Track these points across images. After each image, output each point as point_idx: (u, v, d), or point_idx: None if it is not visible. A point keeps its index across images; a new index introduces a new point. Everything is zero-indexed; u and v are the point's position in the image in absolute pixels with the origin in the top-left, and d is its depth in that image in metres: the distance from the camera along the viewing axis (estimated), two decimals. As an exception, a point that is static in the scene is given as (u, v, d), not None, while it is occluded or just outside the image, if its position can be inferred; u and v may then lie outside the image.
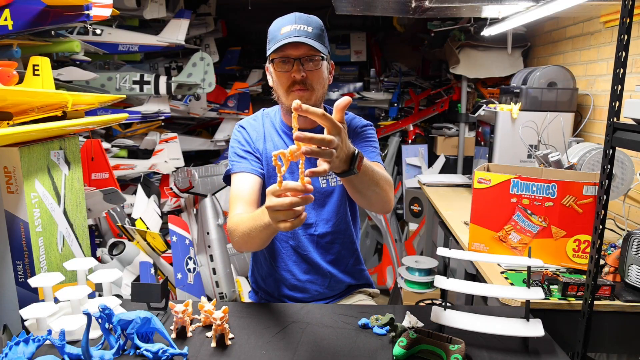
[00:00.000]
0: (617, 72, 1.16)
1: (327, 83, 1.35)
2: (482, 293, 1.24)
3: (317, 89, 1.29)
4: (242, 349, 1.10)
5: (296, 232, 1.43)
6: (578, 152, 1.93)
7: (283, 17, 1.29)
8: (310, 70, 1.27)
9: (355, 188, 1.14)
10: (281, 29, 1.26)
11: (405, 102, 4.36)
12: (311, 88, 1.28)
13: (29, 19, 1.96)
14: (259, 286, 1.57)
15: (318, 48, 1.24)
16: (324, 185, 1.43)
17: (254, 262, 1.58)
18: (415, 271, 3.02)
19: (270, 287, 1.51)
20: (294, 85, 1.28)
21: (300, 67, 1.26)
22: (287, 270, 1.46)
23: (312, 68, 1.27)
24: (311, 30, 1.25)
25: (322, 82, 1.31)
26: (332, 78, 1.38)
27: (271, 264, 1.48)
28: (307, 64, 1.26)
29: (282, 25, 1.27)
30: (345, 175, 1.03)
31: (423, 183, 3.07)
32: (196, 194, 3.32)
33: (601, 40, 2.44)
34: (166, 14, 3.28)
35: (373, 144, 1.44)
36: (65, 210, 1.68)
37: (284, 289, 1.48)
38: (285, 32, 1.25)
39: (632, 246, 1.40)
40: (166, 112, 3.28)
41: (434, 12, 2.42)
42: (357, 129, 1.44)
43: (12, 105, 1.49)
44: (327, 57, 1.31)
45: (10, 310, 1.50)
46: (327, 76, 1.34)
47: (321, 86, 1.31)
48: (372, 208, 1.28)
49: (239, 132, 1.44)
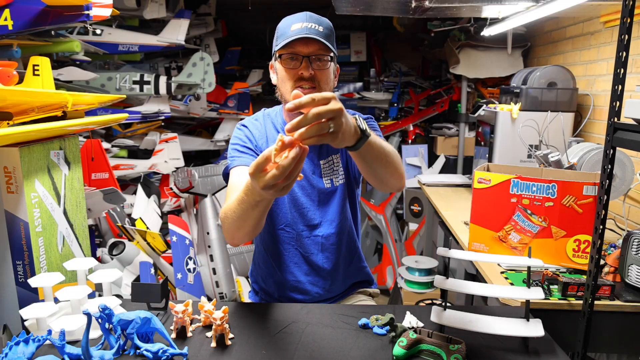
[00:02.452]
0: (617, 72, 1.16)
1: (333, 85, 1.34)
2: (482, 293, 1.24)
3: (324, 88, 1.28)
4: (242, 349, 1.09)
5: (300, 234, 1.43)
6: (578, 152, 1.93)
7: (294, 15, 1.29)
8: (318, 69, 1.26)
9: (368, 163, 1.09)
10: (291, 25, 1.26)
11: (405, 102, 4.36)
12: (318, 86, 1.27)
13: (29, 19, 1.96)
14: (260, 287, 1.57)
15: (329, 46, 1.25)
16: (329, 186, 1.43)
17: (255, 263, 1.58)
18: (415, 271, 3.02)
19: (271, 288, 1.51)
20: (301, 81, 1.27)
21: (309, 64, 1.25)
22: (288, 272, 1.46)
23: (320, 67, 1.27)
24: (322, 30, 1.25)
25: (328, 82, 1.30)
26: (337, 82, 1.37)
27: (272, 266, 1.48)
28: (315, 63, 1.26)
29: (292, 22, 1.27)
30: (357, 145, 0.97)
31: (423, 183, 3.07)
32: (196, 194, 3.32)
33: (601, 40, 2.44)
34: (166, 14, 3.28)
35: (378, 133, 1.42)
36: (65, 210, 1.68)
37: (284, 290, 1.48)
38: (295, 28, 1.25)
39: (632, 246, 1.40)
40: (166, 112, 3.27)
41: (434, 12, 2.42)
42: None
43: (12, 105, 1.49)
44: (334, 58, 1.31)
45: (10, 310, 1.50)
46: (333, 78, 1.33)
47: (328, 87, 1.30)
48: (387, 185, 1.21)
49: (240, 130, 1.43)
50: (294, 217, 1.42)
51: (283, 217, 1.42)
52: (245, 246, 3.30)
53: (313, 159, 1.41)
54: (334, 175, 1.42)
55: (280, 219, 1.43)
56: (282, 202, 1.41)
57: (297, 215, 1.42)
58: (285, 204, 1.41)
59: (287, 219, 1.42)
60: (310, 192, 1.41)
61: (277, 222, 1.43)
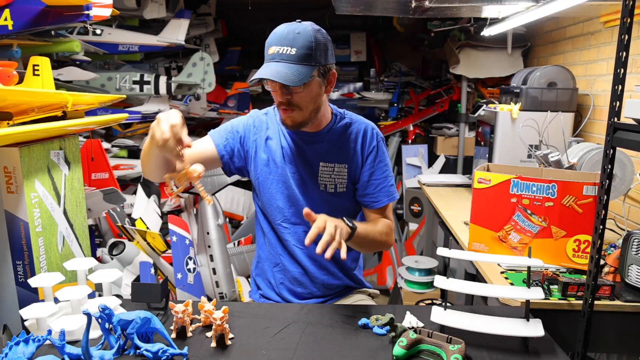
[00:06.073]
0: (617, 72, 1.16)
1: (321, 97, 1.34)
2: (482, 293, 1.25)
3: (305, 107, 1.30)
4: (242, 349, 1.10)
5: (297, 229, 1.44)
6: (578, 152, 1.93)
7: (276, 29, 1.27)
8: (294, 93, 1.27)
9: (359, 245, 1.38)
10: (269, 48, 1.26)
11: (405, 102, 4.36)
12: (297, 108, 1.30)
13: (29, 19, 1.96)
14: (262, 279, 1.56)
15: (293, 81, 1.21)
16: (322, 189, 1.43)
17: (257, 255, 1.59)
18: (415, 271, 3.02)
19: (272, 279, 1.51)
20: (282, 105, 1.30)
21: (284, 90, 1.27)
22: (289, 263, 1.47)
23: (297, 91, 1.27)
24: (295, 53, 1.22)
25: (311, 101, 1.30)
26: (332, 87, 1.36)
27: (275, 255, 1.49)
28: (292, 88, 1.26)
29: (270, 43, 1.26)
30: (349, 238, 1.26)
31: (423, 183, 3.07)
32: (196, 194, 3.33)
33: (601, 40, 2.44)
34: (166, 14, 3.28)
35: (387, 174, 1.45)
36: (65, 210, 1.68)
37: (285, 281, 1.48)
38: (270, 53, 1.25)
39: (632, 246, 1.40)
40: (166, 112, 3.27)
41: (434, 12, 2.42)
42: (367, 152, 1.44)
43: (12, 105, 1.49)
44: (315, 74, 1.26)
45: (10, 310, 1.50)
46: (320, 91, 1.32)
47: (311, 104, 1.31)
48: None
49: (245, 117, 1.48)
50: (292, 213, 1.43)
51: (279, 212, 1.44)
52: (245, 246, 3.30)
53: (314, 160, 1.41)
54: (330, 181, 1.42)
55: (277, 214, 1.44)
56: (279, 197, 1.43)
57: (295, 211, 1.43)
58: (282, 198, 1.43)
59: (284, 213, 1.43)
60: (305, 191, 1.43)
61: (274, 216, 1.45)
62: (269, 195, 1.43)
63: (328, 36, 1.30)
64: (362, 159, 1.43)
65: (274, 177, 1.42)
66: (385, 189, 1.44)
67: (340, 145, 1.42)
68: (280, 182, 1.42)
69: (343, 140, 1.42)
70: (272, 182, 1.43)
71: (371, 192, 1.43)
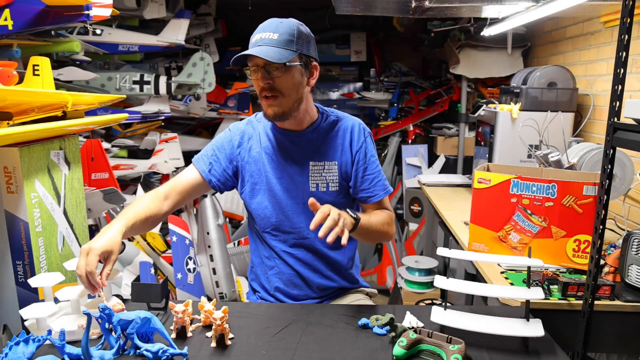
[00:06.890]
0: (617, 72, 1.16)
1: (304, 87, 1.34)
2: (482, 293, 1.25)
3: (288, 94, 1.30)
4: (242, 349, 1.10)
5: (288, 236, 1.44)
6: (578, 152, 1.93)
7: (262, 24, 1.31)
8: (276, 77, 1.27)
9: (362, 236, 1.39)
10: (253, 38, 1.29)
11: (405, 102, 4.36)
12: (280, 94, 1.29)
13: (29, 19, 1.96)
14: (257, 283, 1.56)
15: (273, 57, 1.23)
16: (314, 189, 1.42)
17: (252, 260, 1.59)
18: (415, 271, 3.02)
19: (266, 284, 1.51)
20: (263, 91, 1.30)
21: (265, 74, 1.27)
22: (283, 266, 1.47)
23: (278, 75, 1.27)
24: (277, 37, 1.25)
25: (293, 88, 1.30)
26: (315, 80, 1.37)
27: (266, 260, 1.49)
28: (274, 72, 1.27)
29: (254, 33, 1.29)
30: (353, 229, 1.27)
31: (423, 183, 3.07)
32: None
33: (601, 40, 2.44)
34: (166, 14, 3.28)
35: (380, 168, 1.46)
36: (65, 210, 1.68)
37: (279, 285, 1.48)
38: (254, 40, 1.28)
39: (632, 246, 1.40)
40: (166, 112, 3.27)
41: (434, 12, 2.42)
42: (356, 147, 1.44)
43: (12, 105, 1.49)
44: (297, 60, 1.28)
45: (10, 310, 1.50)
46: (302, 80, 1.32)
47: (293, 92, 1.31)
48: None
49: (225, 134, 1.48)
50: (280, 220, 1.43)
51: (267, 220, 1.44)
52: (245, 246, 3.30)
53: (303, 160, 1.41)
54: (321, 180, 1.42)
55: (265, 223, 1.45)
56: (266, 206, 1.43)
57: (283, 219, 1.43)
58: (269, 207, 1.43)
59: (272, 222, 1.43)
60: (295, 195, 1.42)
61: (262, 225, 1.46)
62: (256, 205, 1.44)
63: (312, 34, 1.33)
64: (352, 155, 1.43)
65: (260, 187, 1.43)
66: (380, 183, 1.45)
67: (328, 143, 1.42)
68: (266, 192, 1.42)
69: (331, 138, 1.43)
70: (259, 192, 1.43)
71: (367, 187, 1.44)
